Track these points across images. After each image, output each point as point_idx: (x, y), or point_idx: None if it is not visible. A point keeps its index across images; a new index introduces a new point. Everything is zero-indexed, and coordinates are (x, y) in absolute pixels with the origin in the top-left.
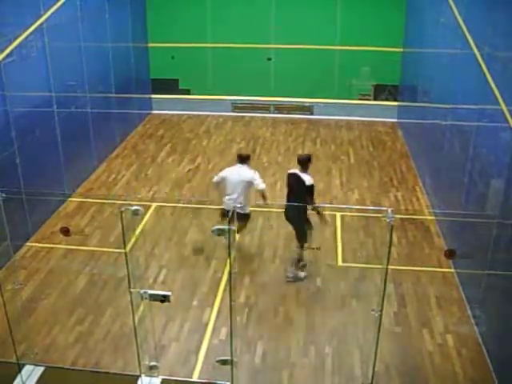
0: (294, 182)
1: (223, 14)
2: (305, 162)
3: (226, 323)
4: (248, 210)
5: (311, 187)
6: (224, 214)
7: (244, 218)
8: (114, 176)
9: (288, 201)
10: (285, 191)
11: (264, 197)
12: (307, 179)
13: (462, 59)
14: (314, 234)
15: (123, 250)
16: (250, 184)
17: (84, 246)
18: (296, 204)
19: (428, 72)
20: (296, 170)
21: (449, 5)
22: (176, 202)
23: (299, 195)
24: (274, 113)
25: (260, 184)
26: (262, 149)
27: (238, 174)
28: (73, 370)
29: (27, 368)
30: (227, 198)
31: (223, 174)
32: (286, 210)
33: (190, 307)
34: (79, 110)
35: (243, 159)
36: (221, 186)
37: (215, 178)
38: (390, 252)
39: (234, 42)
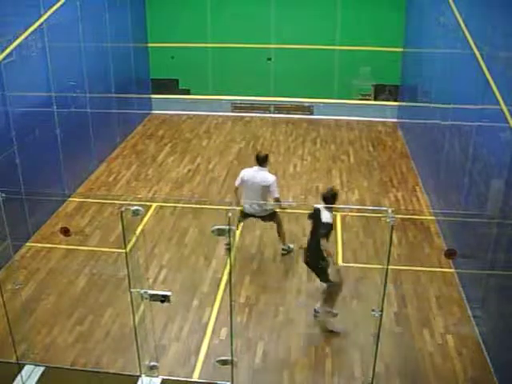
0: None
1: (223, 14)
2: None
3: (226, 323)
4: (270, 207)
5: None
6: (246, 215)
7: (272, 216)
8: (113, 176)
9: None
10: (285, 191)
11: (279, 204)
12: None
13: (462, 59)
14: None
15: (123, 250)
16: (267, 189)
17: (84, 246)
18: None
19: (428, 72)
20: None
21: (449, 4)
22: (176, 202)
23: None
24: (273, 113)
25: (275, 193)
26: (262, 149)
27: (258, 177)
28: (73, 370)
29: (27, 368)
30: (247, 201)
31: (243, 175)
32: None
33: (190, 307)
34: (79, 110)
35: (262, 161)
36: (240, 189)
37: (237, 183)
38: (390, 252)
39: (234, 42)
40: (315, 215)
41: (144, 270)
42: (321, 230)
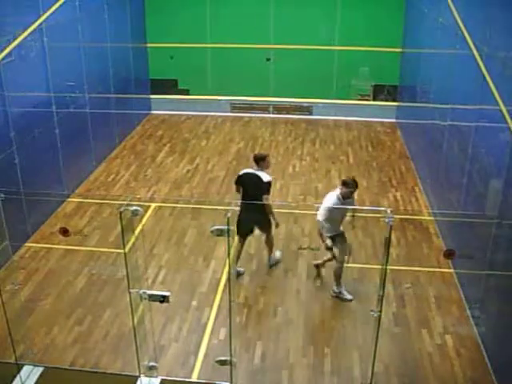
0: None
1: (222, 14)
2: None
3: (225, 323)
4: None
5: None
6: None
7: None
8: (113, 176)
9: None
10: (284, 192)
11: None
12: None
13: (461, 59)
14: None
15: (122, 251)
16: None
17: (83, 246)
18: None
19: (427, 72)
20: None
21: (448, 5)
22: (175, 203)
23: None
24: (273, 113)
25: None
26: (261, 149)
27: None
28: (72, 370)
29: (26, 368)
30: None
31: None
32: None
33: (189, 307)
34: (78, 111)
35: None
36: None
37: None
38: (388, 252)
39: (233, 42)
40: (250, 178)
41: (143, 270)
42: (264, 190)
